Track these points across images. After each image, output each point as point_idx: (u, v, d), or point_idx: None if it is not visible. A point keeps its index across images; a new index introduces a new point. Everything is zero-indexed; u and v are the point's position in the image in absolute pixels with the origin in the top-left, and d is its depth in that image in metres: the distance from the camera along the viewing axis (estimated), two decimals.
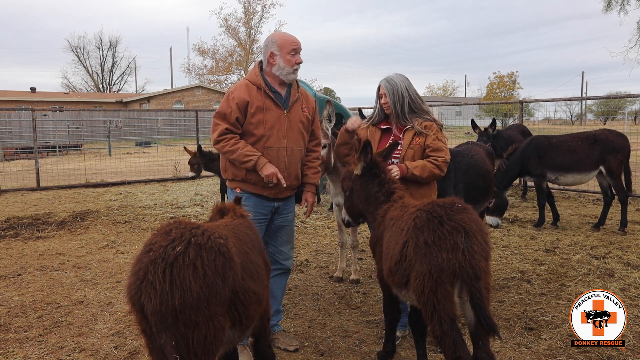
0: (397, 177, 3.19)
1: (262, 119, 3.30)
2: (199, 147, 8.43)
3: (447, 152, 3.38)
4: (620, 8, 17.15)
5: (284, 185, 3.32)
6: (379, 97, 3.50)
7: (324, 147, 4.24)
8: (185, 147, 8.96)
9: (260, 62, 3.46)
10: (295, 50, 3.36)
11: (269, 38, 3.42)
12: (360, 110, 6.22)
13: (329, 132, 4.41)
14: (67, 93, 47.02)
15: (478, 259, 2.34)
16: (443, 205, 2.50)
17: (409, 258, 2.49)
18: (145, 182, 12.52)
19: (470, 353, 2.46)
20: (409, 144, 3.38)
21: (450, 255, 2.32)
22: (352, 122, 3.46)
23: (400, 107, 3.39)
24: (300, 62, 3.38)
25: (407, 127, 3.41)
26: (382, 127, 3.55)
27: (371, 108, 3.67)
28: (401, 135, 3.46)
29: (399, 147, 3.42)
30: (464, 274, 2.31)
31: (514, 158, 7.01)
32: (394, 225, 2.75)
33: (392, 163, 3.43)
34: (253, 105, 3.30)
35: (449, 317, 2.36)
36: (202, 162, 8.35)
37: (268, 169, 3.25)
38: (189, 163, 8.49)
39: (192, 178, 8.60)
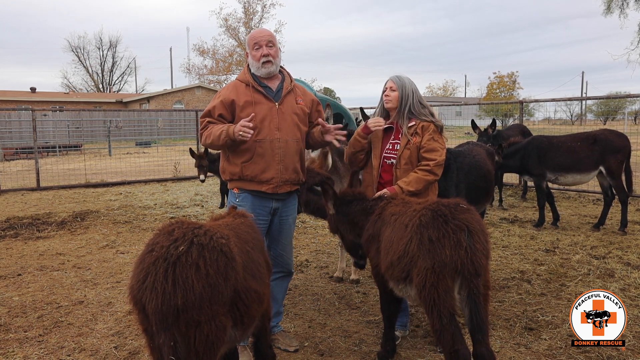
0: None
1: (251, 113, 3.27)
2: (206, 149, 8.39)
3: (441, 152, 3.34)
4: (620, 11, 17.16)
5: (255, 123, 3.14)
6: (383, 91, 3.51)
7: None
8: (191, 149, 8.83)
9: None
10: (257, 43, 3.35)
11: None
12: (362, 109, 6.21)
13: None
14: (67, 93, 47.00)
15: (479, 257, 2.43)
16: (448, 205, 2.60)
17: (411, 254, 2.55)
18: (145, 182, 12.52)
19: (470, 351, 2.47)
20: (405, 144, 3.39)
21: (454, 252, 2.41)
22: (374, 121, 3.41)
23: (404, 105, 3.42)
24: (267, 54, 3.31)
25: (403, 130, 3.43)
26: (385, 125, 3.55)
27: (372, 108, 3.67)
28: (396, 136, 3.48)
29: (396, 149, 3.43)
30: (465, 270, 2.40)
31: (513, 150, 7.09)
32: (396, 221, 2.79)
33: (390, 163, 3.45)
34: (241, 100, 3.30)
35: (449, 311, 2.43)
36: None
37: (238, 127, 3.11)
38: (198, 166, 8.39)
39: (203, 181, 8.47)
